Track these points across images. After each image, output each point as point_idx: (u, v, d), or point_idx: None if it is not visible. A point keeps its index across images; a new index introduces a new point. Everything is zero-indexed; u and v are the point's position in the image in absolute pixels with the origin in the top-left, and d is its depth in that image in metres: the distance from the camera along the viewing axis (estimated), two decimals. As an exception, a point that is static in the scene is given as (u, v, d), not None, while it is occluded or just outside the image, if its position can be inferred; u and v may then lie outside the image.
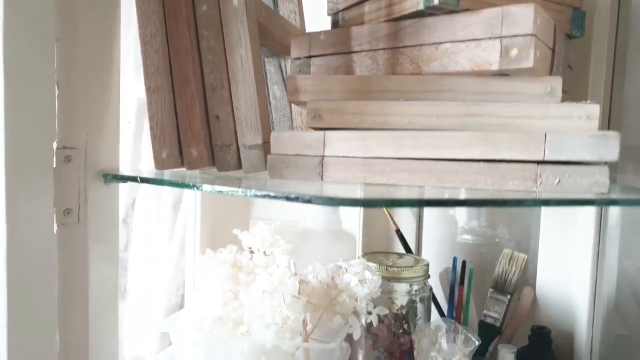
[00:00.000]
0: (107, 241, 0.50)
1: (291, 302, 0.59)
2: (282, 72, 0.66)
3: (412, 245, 0.82)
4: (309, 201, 0.34)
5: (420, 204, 0.35)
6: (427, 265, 0.71)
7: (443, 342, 0.61)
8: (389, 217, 0.82)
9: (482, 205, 0.33)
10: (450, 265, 0.77)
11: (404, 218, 0.86)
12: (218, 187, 0.40)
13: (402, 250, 0.79)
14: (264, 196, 0.36)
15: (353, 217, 0.81)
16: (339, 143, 0.45)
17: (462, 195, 0.39)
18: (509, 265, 0.73)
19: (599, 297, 0.67)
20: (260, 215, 0.94)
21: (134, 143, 0.95)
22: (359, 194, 0.43)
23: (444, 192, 0.41)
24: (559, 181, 0.40)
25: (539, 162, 0.40)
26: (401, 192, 0.43)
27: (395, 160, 0.43)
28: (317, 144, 0.45)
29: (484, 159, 0.41)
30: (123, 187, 1.03)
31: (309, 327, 0.62)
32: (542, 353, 0.66)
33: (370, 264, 0.66)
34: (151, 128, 0.52)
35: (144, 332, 1.05)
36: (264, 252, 0.68)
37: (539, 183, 0.41)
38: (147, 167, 0.90)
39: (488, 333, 0.71)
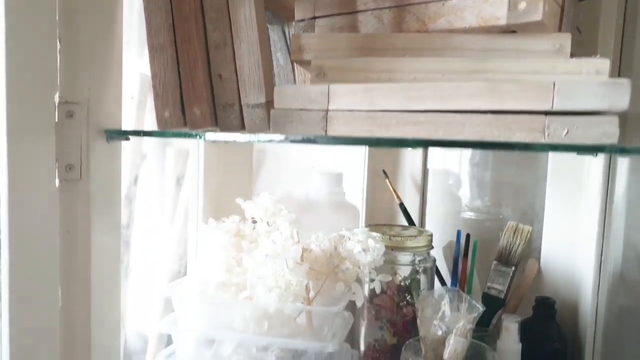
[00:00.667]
0: (110, 198, 0.49)
1: (294, 267, 0.58)
2: (285, 38, 0.65)
3: (415, 220, 0.81)
4: (313, 142, 0.34)
5: (426, 144, 0.34)
6: (431, 235, 0.70)
7: (446, 310, 0.60)
8: (393, 191, 0.82)
9: (488, 148, 0.33)
10: (454, 239, 0.77)
11: (408, 193, 0.86)
12: (222, 135, 0.40)
13: (405, 224, 0.79)
14: (268, 141, 0.36)
15: (356, 191, 0.81)
16: (343, 96, 0.44)
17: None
18: (513, 237, 0.72)
19: (604, 268, 0.66)
20: (262, 190, 0.93)
21: (136, 118, 0.95)
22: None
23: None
24: (567, 132, 0.39)
25: (546, 113, 0.40)
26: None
27: (401, 112, 0.43)
28: (322, 97, 0.44)
29: (491, 110, 0.40)
30: (125, 162, 1.03)
31: (312, 294, 0.62)
32: (546, 323, 0.66)
33: (374, 233, 0.65)
34: (154, 87, 0.52)
35: (147, 309, 1.05)
36: (267, 223, 0.68)
37: (546, 134, 0.40)
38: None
39: (492, 305, 0.71)
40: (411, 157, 0.85)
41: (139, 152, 1.04)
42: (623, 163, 0.66)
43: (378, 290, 0.66)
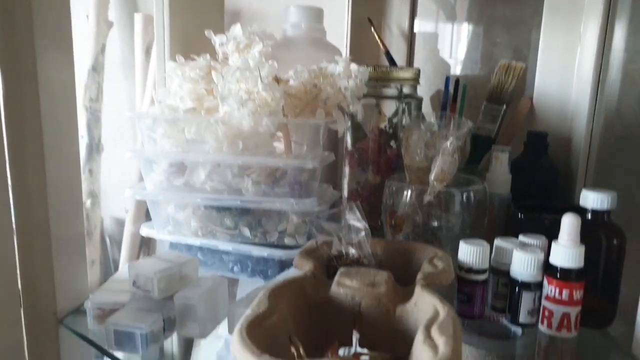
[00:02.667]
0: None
1: (269, 83, 0.54)
2: None
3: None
4: None
5: None
6: (418, 70, 0.65)
7: (434, 131, 0.56)
8: (378, 39, 0.76)
9: None
10: (442, 87, 0.73)
11: (394, 44, 0.80)
12: None
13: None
14: None
15: (339, 34, 0.75)
16: None
17: None
18: (505, 76, 0.68)
19: (600, 100, 0.63)
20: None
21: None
22: None
23: None
24: None
25: None
26: None
27: None
28: None
29: None
30: (91, 31, 0.96)
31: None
32: (538, 156, 0.63)
33: (357, 64, 0.60)
34: None
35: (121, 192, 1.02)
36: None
37: None
38: None
39: (482, 145, 0.68)
40: (398, 6, 0.79)
41: (105, 20, 0.96)
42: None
43: (360, 116, 0.62)
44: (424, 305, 0.40)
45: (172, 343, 0.60)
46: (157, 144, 0.56)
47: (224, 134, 0.53)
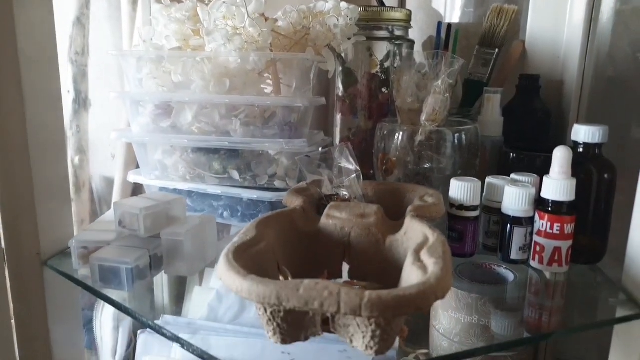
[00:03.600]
0: None
1: (256, 19, 0.52)
2: None
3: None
4: None
5: None
6: (410, 12, 0.64)
7: (425, 72, 0.55)
8: (369, -15, 0.74)
9: None
10: (434, 35, 0.71)
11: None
12: None
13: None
14: None
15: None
16: None
17: None
18: (497, 19, 0.67)
19: (592, 42, 0.62)
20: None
21: None
22: None
23: None
24: None
25: None
26: None
27: None
28: None
29: None
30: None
31: (279, 65, 0.56)
32: (530, 100, 0.62)
33: (347, 4, 0.58)
34: None
35: (109, 150, 1.00)
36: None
37: None
38: None
39: (475, 89, 0.67)
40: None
41: (86, -30, 0.92)
42: None
43: (351, 54, 0.60)
44: (413, 234, 0.39)
45: (163, 294, 0.59)
46: (142, 85, 0.55)
47: (210, 72, 0.52)
